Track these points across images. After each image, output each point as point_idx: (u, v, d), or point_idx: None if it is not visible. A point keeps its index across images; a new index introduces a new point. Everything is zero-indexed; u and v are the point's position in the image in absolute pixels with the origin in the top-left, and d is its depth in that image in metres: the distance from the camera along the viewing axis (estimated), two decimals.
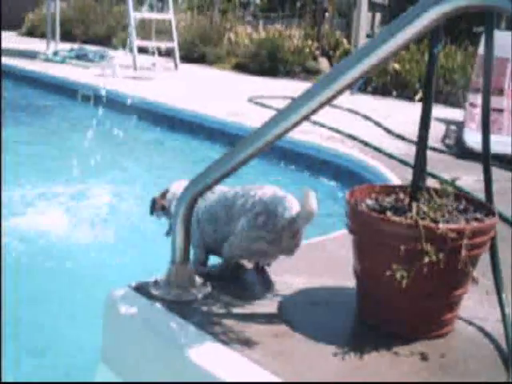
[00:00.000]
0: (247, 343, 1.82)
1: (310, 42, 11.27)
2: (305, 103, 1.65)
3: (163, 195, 2.43)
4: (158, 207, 2.44)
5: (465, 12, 1.47)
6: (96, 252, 3.58)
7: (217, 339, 1.83)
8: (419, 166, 1.88)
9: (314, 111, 1.64)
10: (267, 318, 1.98)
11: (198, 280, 2.14)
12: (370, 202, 1.96)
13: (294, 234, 2.08)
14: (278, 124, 1.71)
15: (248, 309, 2.03)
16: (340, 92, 1.58)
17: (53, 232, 3.82)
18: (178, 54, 10.66)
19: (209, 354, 1.78)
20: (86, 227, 3.92)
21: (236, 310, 2.01)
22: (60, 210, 4.14)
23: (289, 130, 1.71)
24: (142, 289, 2.10)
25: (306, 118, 1.66)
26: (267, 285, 2.22)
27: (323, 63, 11.23)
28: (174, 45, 10.63)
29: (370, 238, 1.85)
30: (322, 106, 1.62)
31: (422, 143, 1.86)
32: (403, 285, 1.72)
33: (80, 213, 4.12)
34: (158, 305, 2.02)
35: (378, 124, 6.25)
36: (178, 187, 2.34)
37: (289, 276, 2.28)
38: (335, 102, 1.72)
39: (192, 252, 2.16)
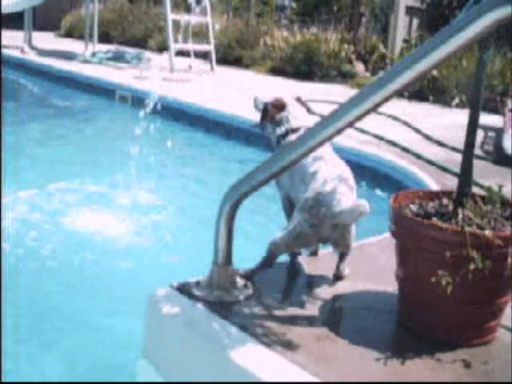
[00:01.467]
0: (289, 346, 1.83)
1: (345, 46, 11.24)
2: (352, 109, 1.65)
3: (278, 107, 2.38)
4: (268, 116, 2.38)
5: None
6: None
7: (259, 341, 1.84)
8: (465, 172, 1.87)
9: (362, 116, 1.65)
10: (309, 321, 1.99)
11: (240, 281, 2.16)
12: (413, 207, 1.96)
13: (336, 226, 2.12)
14: (325, 129, 1.72)
15: (289, 311, 2.04)
16: (388, 98, 1.58)
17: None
18: (214, 57, 10.71)
19: (251, 356, 1.79)
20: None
21: (278, 313, 2.02)
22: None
23: (335, 135, 1.71)
24: (184, 289, 2.13)
25: (353, 123, 1.66)
26: (308, 287, 2.23)
27: (359, 67, 11.20)
28: (211, 47, 10.69)
29: (415, 243, 1.85)
30: (369, 111, 1.63)
31: (468, 149, 1.85)
32: (448, 291, 1.72)
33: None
34: (199, 305, 2.04)
35: (416, 130, 6.20)
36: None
37: (329, 280, 2.28)
38: None
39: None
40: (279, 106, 2.38)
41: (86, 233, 3.82)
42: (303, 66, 10.84)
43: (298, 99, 2.32)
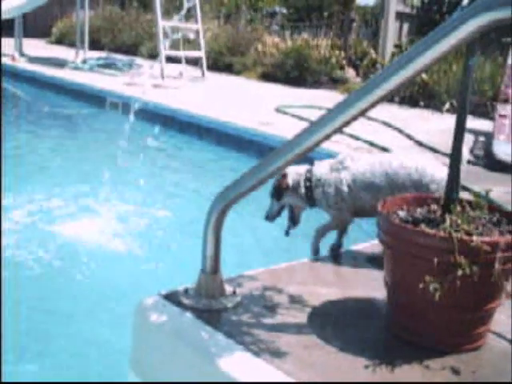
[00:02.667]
0: (277, 354, 1.82)
1: (336, 52, 11.28)
2: (339, 114, 1.65)
3: (284, 176, 2.49)
4: (283, 188, 2.49)
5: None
6: None
7: (247, 349, 1.83)
8: (453, 178, 1.86)
9: (349, 122, 1.64)
10: (297, 329, 1.98)
11: (228, 289, 2.14)
12: (402, 213, 1.95)
13: None
14: (312, 135, 1.71)
15: (278, 319, 2.03)
16: (375, 104, 1.58)
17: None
18: (205, 63, 10.72)
19: (238, 364, 1.77)
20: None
21: (266, 320, 2.01)
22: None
23: (322, 141, 1.70)
24: (172, 297, 2.11)
25: (340, 129, 1.66)
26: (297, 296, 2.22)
27: (350, 73, 11.25)
28: (202, 54, 10.69)
29: (403, 250, 1.84)
30: (356, 117, 1.62)
31: (455, 155, 1.85)
32: (436, 297, 1.71)
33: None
34: (187, 313, 2.02)
35: (409, 136, 6.22)
36: (294, 169, 2.50)
37: (319, 287, 2.28)
38: None
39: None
40: (283, 175, 2.49)
41: (74, 241, 3.80)
42: (294, 71, 10.87)
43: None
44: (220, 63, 12.22)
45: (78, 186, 4.81)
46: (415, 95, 8.72)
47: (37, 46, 15.01)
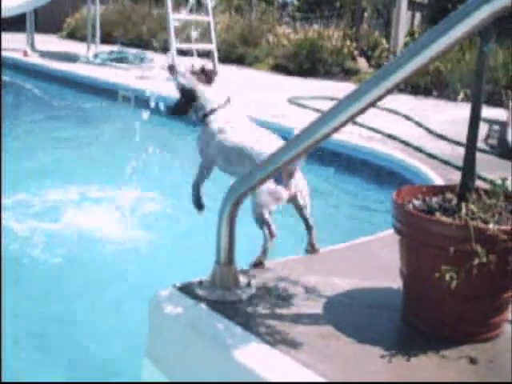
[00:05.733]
0: (293, 344, 1.81)
1: (348, 43, 11.22)
2: (352, 103, 1.63)
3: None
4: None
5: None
6: None
7: (262, 340, 1.83)
8: (468, 166, 1.85)
9: (362, 111, 1.63)
10: (313, 319, 1.97)
11: (243, 280, 2.14)
12: (417, 202, 1.94)
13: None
14: (324, 125, 1.70)
15: (293, 310, 2.02)
16: (389, 92, 1.56)
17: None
18: (216, 56, 10.69)
19: (254, 355, 1.77)
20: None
21: (281, 311, 2.01)
22: None
23: (335, 131, 1.69)
24: (186, 289, 2.11)
25: (353, 118, 1.65)
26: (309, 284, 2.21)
27: (362, 63, 11.18)
28: (213, 47, 10.66)
29: (418, 239, 1.83)
30: (369, 106, 1.61)
31: (471, 143, 1.83)
32: (452, 286, 1.70)
33: None
34: (202, 305, 2.02)
35: (419, 124, 6.18)
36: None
37: (334, 277, 2.27)
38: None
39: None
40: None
41: (92, 232, 3.82)
42: (306, 63, 10.83)
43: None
44: (232, 55, 12.19)
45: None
46: (429, 84, 8.66)
47: (48, 41, 15.04)
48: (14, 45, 12.76)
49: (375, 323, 1.98)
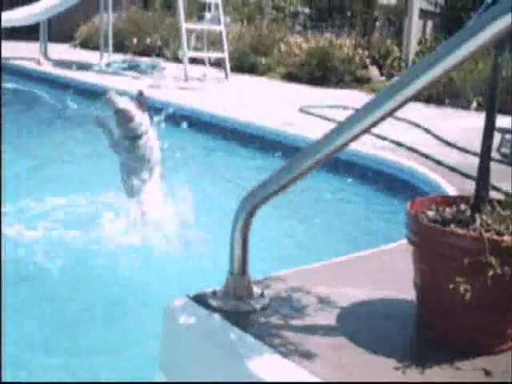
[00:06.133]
0: (307, 355, 1.81)
1: (360, 51, 11.22)
2: (368, 115, 1.64)
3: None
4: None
5: None
6: None
7: (276, 350, 1.83)
8: (483, 177, 1.84)
9: (377, 123, 1.63)
10: (326, 330, 1.97)
11: (256, 291, 2.14)
12: (431, 213, 1.93)
13: None
14: (340, 135, 1.71)
15: (306, 320, 2.02)
16: (404, 103, 1.56)
17: None
18: (228, 64, 10.73)
19: (268, 365, 1.77)
20: None
21: (294, 322, 2.01)
22: None
23: (351, 141, 1.70)
24: (200, 299, 2.11)
25: (369, 129, 1.65)
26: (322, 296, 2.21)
27: (373, 71, 11.18)
28: (225, 55, 10.71)
29: (432, 250, 1.83)
30: (384, 117, 1.61)
31: (485, 153, 1.83)
32: (466, 298, 1.69)
33: None
34: (216, 315, 2.02)
35: (436, 136, 6.16)
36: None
37: (347, 287, 2.27)
38: None
39: None
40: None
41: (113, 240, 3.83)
42: (317, 71, 10.84)
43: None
44: (243, 64, 12.22)
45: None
46: (441, 93, 8.64)
47: (61, 50, 15.14)
48: (28, 54, 12.86)
49: (389, 334, 1.98)
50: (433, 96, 8.65)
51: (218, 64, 11.31)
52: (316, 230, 4.21)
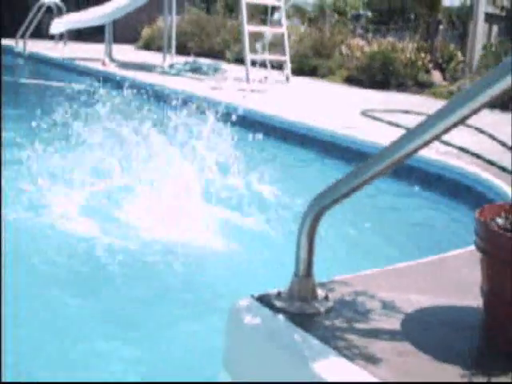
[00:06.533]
0: (371, 360, 1.81)
1: (422, 55, 11.10)
2: (440, 121, 1.64)
3: None
4: None
5: None
6: None
7: (340, 354, 1.83)
8: None
9: (449, 129, 1.63)
10: (390, 335, 1.97)
11: (320, 294, 2.16)
12: (500, 220, 1.91)
13: None
14: (411, 141, 1.71)
15: (371, 325, 2.02)
16: (477, 110, 1.56)
17: None
18: (289, 67, 10.75)
19: (333, 368, 1.78)
20: None
21: (359, 326, 2.01)
22: None
23: (421, 148, 1.70)
24: (264, 300, 2.14)
25: (440, 135, 1.65)
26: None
27: (436, 76, 11.04)
28: (286, 58, 10.74)
29: (502, 258, 1.81)
30: (456, 124, 1.60)
31: None
32: None
33: None
34: (280, 317, 2.04)
35: (501, 142, 6.05)
36: None
37: (411, 293, 2.26)
38: None
39: None
40: None
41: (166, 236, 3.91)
42: (379, 75, 10.76)
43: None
44: (305, 67, 12.23)
45: None
46: (506, 99, 8.48)
47: (126, 51, 15.43)
48: (94, 55, 13.15)
49: (454, 341, 1.96)
50: (497, 101, 8.48)
51: (279, 66, 11.34)
52: (374, 235, 4.21)
